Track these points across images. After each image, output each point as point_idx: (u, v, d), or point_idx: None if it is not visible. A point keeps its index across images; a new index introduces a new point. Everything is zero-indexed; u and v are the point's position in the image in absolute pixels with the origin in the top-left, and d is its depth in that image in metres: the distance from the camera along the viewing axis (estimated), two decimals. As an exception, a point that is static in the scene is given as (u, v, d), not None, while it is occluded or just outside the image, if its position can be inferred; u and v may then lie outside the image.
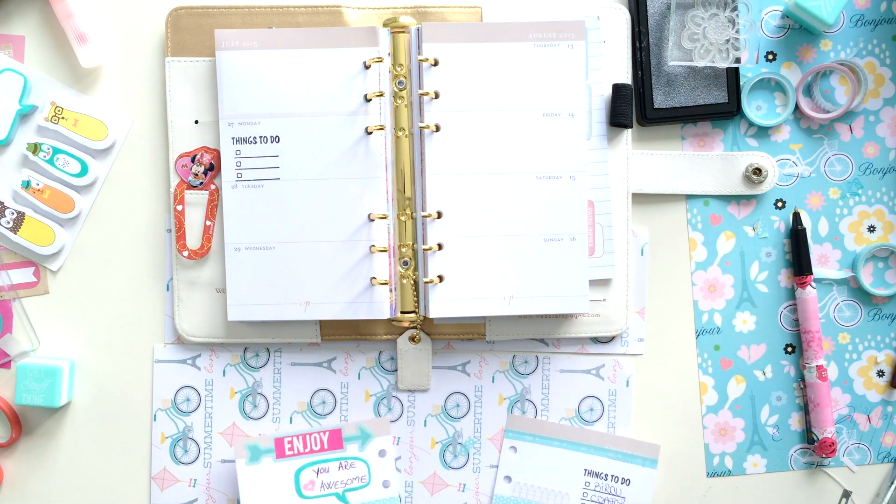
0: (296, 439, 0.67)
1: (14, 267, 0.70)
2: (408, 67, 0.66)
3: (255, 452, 0.66)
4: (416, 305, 0.68)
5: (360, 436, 0.68)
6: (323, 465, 0.67)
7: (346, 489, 0.67)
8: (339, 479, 0.67)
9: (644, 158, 0.70)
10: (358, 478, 0.67)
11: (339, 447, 0.67)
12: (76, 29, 0.68)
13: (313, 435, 0.67)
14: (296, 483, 0.66)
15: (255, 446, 0.66)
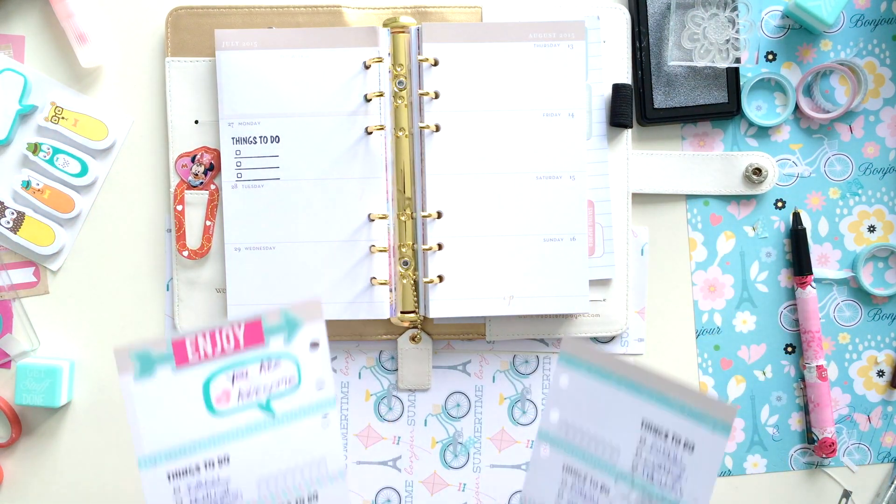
0: (201, 338, 0.50)
1: (14, 267, 0.70)
2: (408, 67, 0.66)
3: (146, 363, 0.50)
4: (416, 305, 0.68)
5: (285, 325, 0.52)
6: (239, 368, 0.51)
7: (271, 396, 0.52)
8: (262, 385, 0.52)
9: (644, 158, 0.70)
10: (285, 379, 0.52)
11: (258, 342, 0.52)
12: (76, 29, 0.68)
13: (224, 330, 0.51)
14: (205, 396, 0.51)
15: (146, 354, 0.49)
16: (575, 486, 0.53)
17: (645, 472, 0.50)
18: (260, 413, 0.52)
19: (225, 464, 0.51)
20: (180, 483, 0.50)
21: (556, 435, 0.54)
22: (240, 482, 0.52)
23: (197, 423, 0.51)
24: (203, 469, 0.51)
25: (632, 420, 0.51)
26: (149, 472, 0.49)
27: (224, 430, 0.51)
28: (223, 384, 0.51)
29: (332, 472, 0.54)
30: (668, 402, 0.51)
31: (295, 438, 0.53)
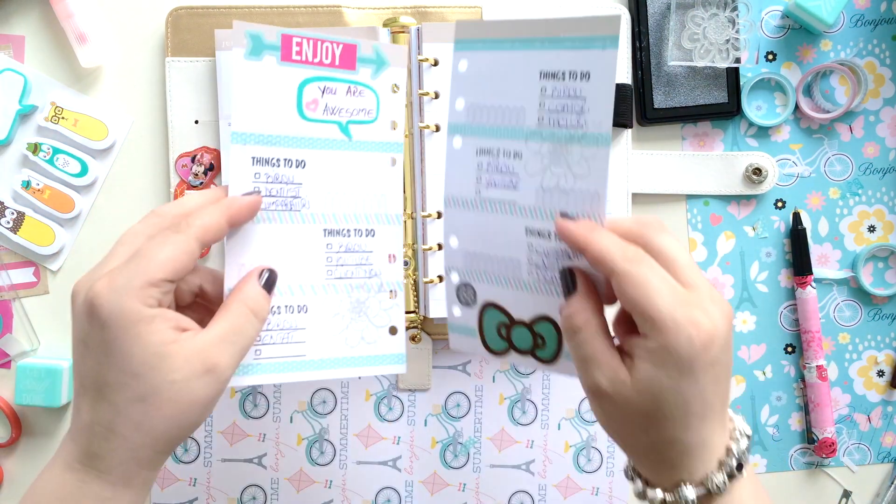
0: (306, 42, 0.55)
1: (14, 267, 0.70)
2: (407, 67, 0.66)
3: (258, 44, 0.53)
4: (416, 305, 0.68)
5: (376, 60, 0.57)
6: (330, 83, 0.56)
7: (350, 120, 0.57)
8: (345, 107, 0.57)
9: (644, 158, 0.70)
10: (365, 110, 0.57)
11: (350, 67, 0.56)
12: (76, 29, 0.68)
13: (325, 43, 0.55)
14: (298, 98, 0.55)
15: (259, 36, 0.53)
16: (490, 165, 0.54)
17: (550, 120, 0.51)
18: (339, 132, 0.57)
19: (301, 167, 0.55)
20: (261, 170, 0.54)
21: (464, 123, 0.55)
22: (310, 190, 0.55)
23: (287, 120, 0.55)
24: (282, 165, 0.55)
25: (530, 76, 0.52)
26: (237, 147, 0.53)
27: (307, 136, 0.55)
28: (314, 93, 0.56)
29: (390, 213, 0.58)
30: (558, 43, 0.50)
31: (364, 167, 0.57)
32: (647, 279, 0.45)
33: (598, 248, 0.46)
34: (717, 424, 0.46)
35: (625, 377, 0.46)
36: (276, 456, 0.71)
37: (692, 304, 0.44)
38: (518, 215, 0.52)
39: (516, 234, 0.52)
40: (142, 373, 0.46)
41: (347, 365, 0.57)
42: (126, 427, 0.47)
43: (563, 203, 0.50)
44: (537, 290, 0.52)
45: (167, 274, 0.47)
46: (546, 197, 0.51)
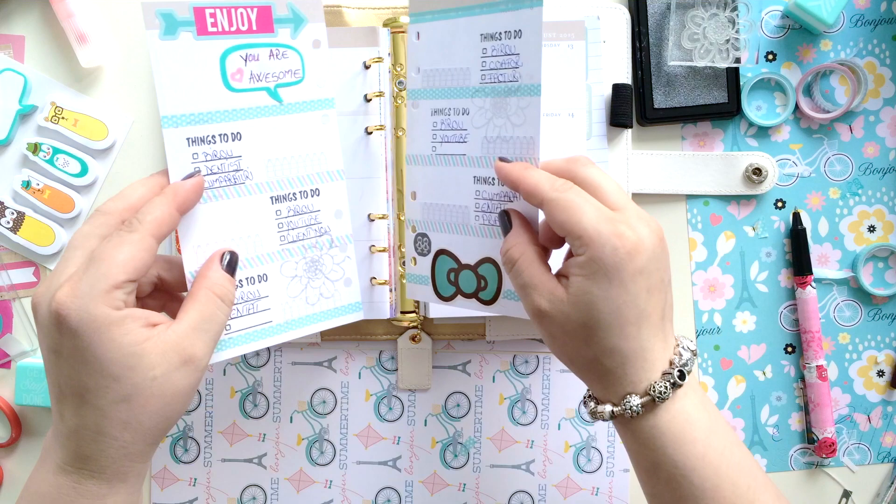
0: (219, 12, 0.54)
1: (14, 267, 0.70)
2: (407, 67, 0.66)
3: (171, 22, 0.52)
4: (416, 305, 0.68)
5: (293, 18, 0.57)
6: (252, 50, 0.55)
7: (279, 84, 0.57)
8: (271, 71, 0.56)
9: (644, 158, 0.70)
10: (290, 71, 0.57)
11: (269, 30, 0.56)
12: (76, 29, 0.68)
13: (239, 9, 0.55)
14: (222, 70, 0.54)
15: (171, 14, 0.52)
16: (444, 123, 0.59)
17: (491, 76, 0.56)
18: (269, 98, 0.57)
19: (237, 140, 0.55)
20: (198, 149, 0.54)
21: (420, 88, 0.60)
22: (250, 161, 0.56)
23: (214, 94, 0.54)
24: (219, 140, 0.55)
25: (472, 39, 0.57)
26: (170, 131, 0.53)
27: (237, 107, 0.55)
28: (237, 62, 0.55)
29: (331, 169, 0.59)
30: (494, 7, 0.55)
31: (299, 128, 0.58)
32: (574, 202, 0.49)
33: (530, 182, 0.51)
34: (657, 335, 0.50)
35: (561, 294, 0.50)
36: (276, 456, 0.71)
37: (616, 221, 0.49)
38: (467, 166, 0.58)
39: (466, 182, 0.58)
40: (121, 374, 0.47)
41: (311, 322, 0.59)
42: (114, 427, 0.47)
43: (504, 150, 0.56)
44: (482, 234, 0.58)
45: (129, 275, 0.48)
46: (490, 146, 0.56)
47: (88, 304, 0.46)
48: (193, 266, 0.53)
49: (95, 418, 0.47)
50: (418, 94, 0.61)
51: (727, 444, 0.51)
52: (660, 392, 0.49)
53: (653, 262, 0.49)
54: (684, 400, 0.50)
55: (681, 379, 0.50)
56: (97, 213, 0.51)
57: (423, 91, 0.60)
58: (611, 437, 0.71)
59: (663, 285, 0.50)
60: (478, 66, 0.57)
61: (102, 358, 0.47)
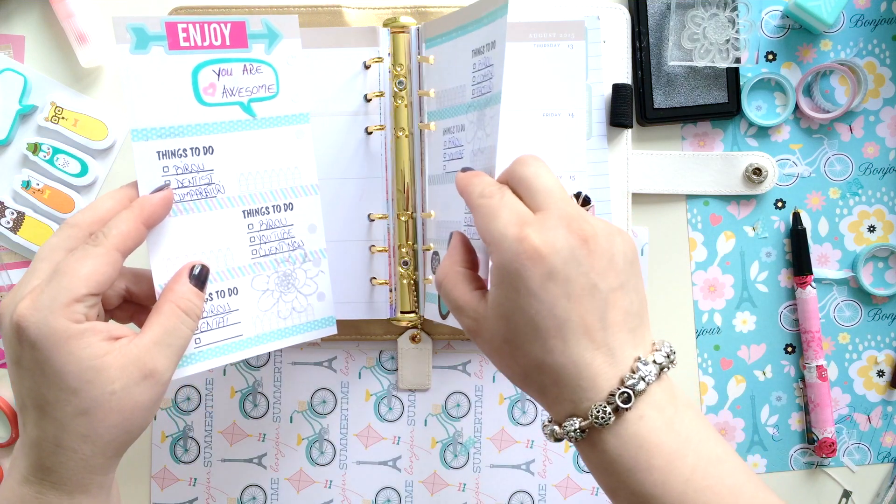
0: (192, 27, 0.54)
1: (14, 267, 0.70)
2: (407, 67, 0.66)
3: (142, 37, 0.52)
4: (416, 305, 0.68)
5: (268, 34, 0.57)
6: (225, 65, 0.55)
7: (252, 98, 0.56)
8: (245, 86, 0.56)
9: (644, 158, 0.70)
10: (264, 86, 0.57)
11: (242, 45, 0.56)
12: (76, 29, 0.68)
13: (213, 25, 0.55)
14: (194, 84, 0.54)
15: (142, 29, 0.52)
16: (450, 141, 0.61)
17: (478, 90, 0.57)
18: (242, 112, 0.56)
19: (209, 153, 0.55)
20: (168, 163, 0.54)
21: (435, 110, 0.63)
22: (222, 175, 0.56)
23: (186, 108, 0.54)
24: (190, 154, 0.54)
25: (466, 56, 0.58)
26: (139, 144, 0.53)
27: (209, 121, 0.55)
28: (210, 77, 0.55)
29: (305, 184, 0.59)
30: (479, 23, 0.56)
31: (272, 143, 0.58)
32: (492, 208, 0.47)
33: (466, 190, 0.50)
34: (595, 349, 0.45)
35: (483, 310, 0.48)
36: (276, 456, 0.71)
37: (526, 224, 0.45)
38: None
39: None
40: (79, 388, 0.46)
41: (283, 336, 0.59)
42: (73, 440, 0.47)
43: (480, 161, 0.55)
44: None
45: (91, 288, 0.48)
46: (475, 159, 0.57)
47: (48, 317, 0.46)
48: (162, 279, 0.53)
49: (55, 430, 0.47)
50: (433, 116, 0.63)
51: (698, 466, 0.45)
52: (597, 417, 0.44)
53: (570, 267, 0.44)
54: (639, 424, 0.45)
55: (625, 403, 0.44)
56: (65, 225, 0.50)
57: (437, 112, 0.63)
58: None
59: (597, 293, 0.45)
60: (470, 81, 0.58)
61: (61, 371, 0.46)
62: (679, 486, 0.44)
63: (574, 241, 0.45)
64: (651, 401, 0.45)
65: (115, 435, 0.48)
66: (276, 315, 0.58)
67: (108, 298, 0.54)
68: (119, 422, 0.48)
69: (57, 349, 0.46)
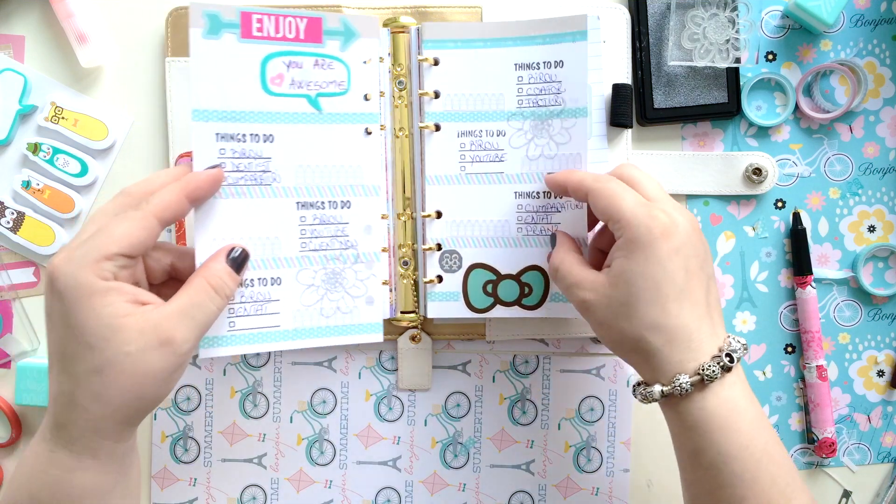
0: (266, 18, 0.55)
1: (14, 267, 0.70)
2: (407, 67, 0.66)
3: (216, 23, 0.53)
4: (416, 305, 0.68)
5: (344, 32, 0.58)
6: (296, 58, 0.56)
7: (320, 93, 0.57)
8: (314, 80, 0.57)
9: (644, 158, 0.70)
10: (335, 82, 0.58)
11: (317, 40, 0.57)
12: (76, 29, 0.68)
13: (288, 18, 0.55)
14: (262, 73, 0.55)
15: (216, 16, 0.53)
16: (473, 143, 0.64)
17: (530, 101, 0.63)
18: (308, 105, 0.57)
19: (269, 141, 0.56)
20: (226, 145, 0.55)
21: (442, 111, 0.65)
22: (280, 164, 0.56)
23: (250, 95, 0.55)
24: (249, 140, 0.55)
25: (506, 67, 0.63)
26: (199, 124, 0.54)
27: (273, 110, 0.56)
28: (279, 68, 0.56)
29: (366, 184, 0.60)
30: (529, 40, 0.63)
31: (336, 138, 0.58)
32: (613, 189, 0.54)
33: (575, 178, 0.57)
34: (702, 319, 0.52)
35: (602, 280, 0.54)
36: (276, 456, 0.71)
37: (652, 206, 0.53)
38: (506, 183, 0.64)
39: (505, 198, 0.64)
40: (96, 345, 0.48)
41: (322, 335, 0.58)
42: (85, 398, 0.48)
43: (549, 166, 0.63)
44: (526, 244, 0.64)
45: (122, 248, 0.49)
46: (532, 164, 0.63)
47: (76, 271, 0.48)
48: (204, 257, 0.54)
49: (70, 386, 0.48)
50: (441, 117, 0.64)
51: (770, 440, 0.52)
52: (709, 373, 0.51)
53: (688, 246, 0.52)
54: (733, 388, 0.52)
55: (730, 363, 0.51)
56: (119, 193, 0.52)
57: (447, 114, 0.64)
58: (611, 437, 0.71)
59: (703, 273, 0.53)
60: (513, 91, 0.63)
61: (81, 325, 0.48)
62: (757, 453, 0.51)
63: (687, 224, 0.53)
64: (738, 374, 0.53)
65: (126, 400, 0.48)
66: (319, 312, 0.58)
67: (152, 272, 0.54)
68: (130, 386, 0.48)
69: (80, 303, 0.48)
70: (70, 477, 0.49)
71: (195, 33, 0.53)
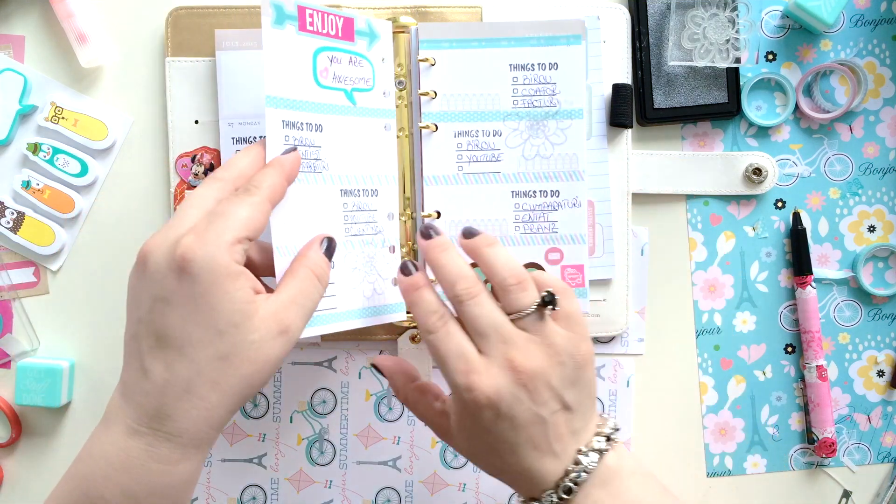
0: (315, 14, 0.59)
1: (14, 267, 0.70)
2: (407, 67, 0.66)
3: (280, 14, 0.57)
4: (416, 305, 0.68)
5: (369, 32, 0.63)
6: (336, 53, 0.60)
7: (354, 88, 0.61)
8: (349, 76, 0.61)
9: (644, 158, 0.70)
10: (364, 79, 0.62)
11: (350, 38, 0.61)
12: (76, 29, 0.68)
13: (330, 16, 0.60)
14: (314, 65, 0.59)
15: (280, 7, 0.57)
16: (470, 143, 0.65)
17: (525, 102, 0.65)
18: (345, 98, 0.61)
19: (319, 131, 0.59)
20: (289, 133, 0.57)
21: (438, 111, 0.65)
22: (328, 153, 0.59)
23: (306, 86, 0.58)
24: (305, 128, 0.58)
25: (500, 68, 0.65)
26: (271, 111, 0.56)
27: (322, 101, 0.59)
28: (325, 62, 0.59)
29: (388, 174, 0.64)
30: (524, 42, 0.64)
31: (365, 131, 0.62)
32: (440, 350, 0.53)
33: (412, 309, 0.55)
34: (540, 457, 0.52)
35: (447, 426, 0.56)
36: (276, 456, 0.71)
37: (474, 371, 0.52)
38: (503, 182, 0.65)
39: (502, 197, 0.65)
40: (225, 331, 0.47)
41: (365, 315, 0.61)
42: (204, 386, 0.47)
43: (545, 166, 0.65)
44: (524, 243, 0.65)
45: (249, 232, 0.49)
46: (528, 164, 0.65)
47: (214, 252, 0.47)
48: (282, 241, 0.54)
49: (189, 373, 0.47)
50: (438, 117, 0.65)
51: None
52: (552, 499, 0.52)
53: (515, 406, 0.51)
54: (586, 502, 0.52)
55: (567, 494, 0.52)
56: (211, 179, 0.52)
57: (443, 114, 0.65)
58: (611, 437, 0.71)
59: (539, 418, 0.52)
60: (508, 92, 0.65)
61: (215, 308, 0.47)
62: None
63: (515, 387, 0.51)
64: (597, 481, 0.52)
65: (242, 387, 0.48)
66: (362, 294, 0.61)
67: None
68: (250, 373, 0.48)
69: (217, 285, 0.47)
70: (174, 470, 0.48)
71: (266, 21, 0.56)
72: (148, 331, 0.48)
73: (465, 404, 0.52)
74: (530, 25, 0.64)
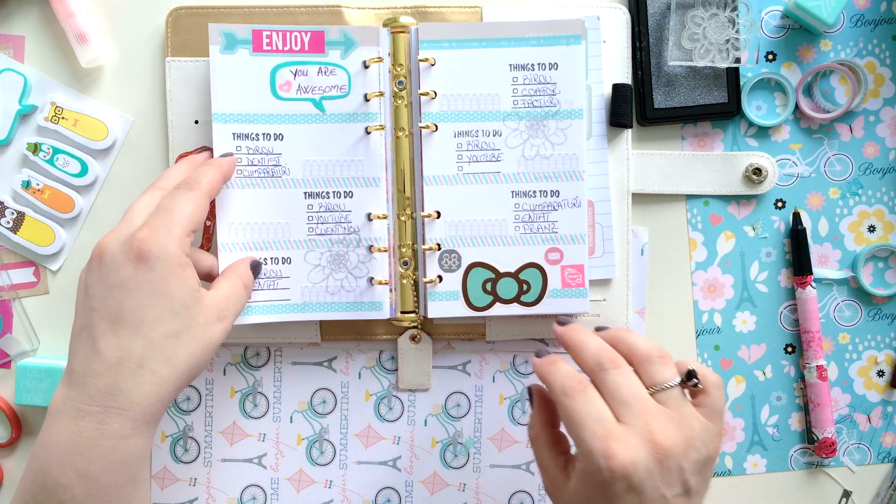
0: (275, 34, 0.63)
1: (14, 267, 0.70)
2: (408, 67, 0.66)
3: (231, 41, 0.63)
4: (416, 305, 0.68)
5: (344, 41, 0.65)
6: (301, 67, 0.64)
7: (324, 96, 0.64)
8: (318, 85, 0.64)
9: (644, 158, 0.70)
10: (337, 87, 0.65)
11: (319, 50, 0.64)
12: (76, 29, 0.68)
13: (294, 33, 0.64)
14: (271, 81, 0.64)
15: (232, 34, 0.63)
16: (470, 143, 0.66)
17: (525, 102, 0.65)
18: (313, 107, 0.65)
19: (279, 140, 0.65)
20: (242, 143, 0.64)
21: (438, 111, 0.66)
22: (289, 159, 0.65)
23: (262, 100, 0.64)
24: (261, 138, 0.64)
25: (500, 68, 0.65)
26: (219, 125, 0.64)
27: (282, 112, 0.64)
28: (286, 76, 0.64)
29: (367, 176, 0.66)
30: (523, 42, 0.65)
31: (339, 137, 0.65)
32: (577, 414, 0.51)
33: (546, 381, 0.54)
34: None
35: (563, 485, 0.54)
36: (276, 456, 0.71)
37: (613, 438, 0.50)
38: (503, 182, 0.66)
39: (502, 197, 0.65)
40: (179, 311, 0.54)
41: (327, 309, 0.66)
42: (156, 361, 0.53)
43: (545, 166, 0.65)
44: (524, 243, 0.65)
45: (194, 225, 0.56)
46: (528, 164, 0.65)
47: (168, 244, 0.54)
48: (225, 238, 0.63)
49: (142, 350, 0.53)
50: (438, 117, 0.66)
51: None
52: None
53: (646, 483, 0.50)
54: None
55: None
56: (151, 188, 0.59)
57: (443, 114, 0.65)
58: (611, 437, 0.71)
59: (663, 499, 0.50)
60: (508, 92, 0.65)
61: (170, 292, 0.54)
62: None
63: (651, 462, 0.50)
64: None
65: (189, 365, 0.54)
66: (325, 290, 0.65)
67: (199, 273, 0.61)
68: (196, 352, 0.54)
69: (171, 273, 0.54)
70: (126, 444, 0.52)
71: (214, 49, 0.63)
72: (102, 316, 0.53)
73: (595, 471, 0.50)
74: (530, 25, 0.65)
